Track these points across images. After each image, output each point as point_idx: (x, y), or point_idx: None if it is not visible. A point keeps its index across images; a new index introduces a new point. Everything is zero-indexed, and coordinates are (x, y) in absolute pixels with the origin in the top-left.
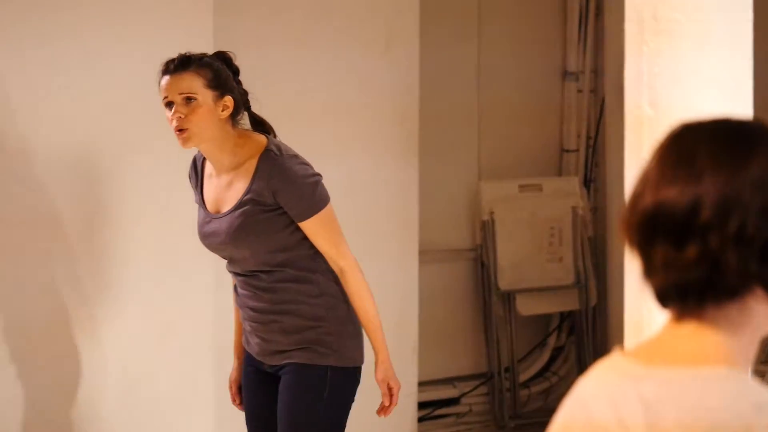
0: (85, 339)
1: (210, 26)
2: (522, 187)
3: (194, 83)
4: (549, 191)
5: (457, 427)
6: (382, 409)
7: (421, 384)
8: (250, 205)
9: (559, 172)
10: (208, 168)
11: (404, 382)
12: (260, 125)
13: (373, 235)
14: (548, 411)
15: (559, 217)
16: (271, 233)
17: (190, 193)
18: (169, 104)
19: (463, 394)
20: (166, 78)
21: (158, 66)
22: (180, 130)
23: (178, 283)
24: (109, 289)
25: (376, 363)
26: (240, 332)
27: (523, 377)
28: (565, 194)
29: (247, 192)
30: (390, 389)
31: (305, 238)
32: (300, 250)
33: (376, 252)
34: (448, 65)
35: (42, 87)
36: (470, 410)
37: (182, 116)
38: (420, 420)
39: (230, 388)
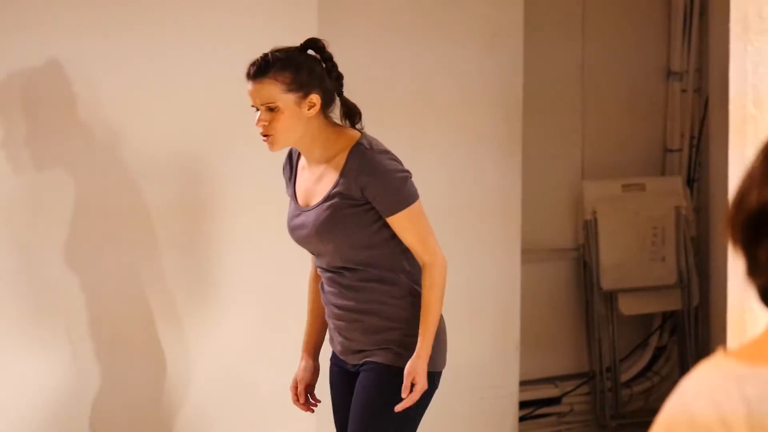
0: (185, 334)
1: (315, 20)
2: (625, 187)
3: (273, 91)
4: (652, 191)
5: (558, 426)
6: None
7: (523, 383)
8: (338, 199)
9: (663, 172)
10: (302, 161)
11: (506, 380)
12: (350, 111)
13: (476, 234)
14: (650, 411)
15: (662, 217)
16: (356, 228)
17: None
18: (256, 108)
19: (565, 394)
20: (249, 84)
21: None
22: (265, 136)
23: (279, 279)
24: (211, 284)
25: (414, 356)
26: (313, 329)
27: (625, 377)
28: (668, 194)
29: (336, 185)
30: (413, 384)
31: (391, 237)
32: (385, 250)
33: (478, 251)
34: (552, 62)
35: (141, 82)
36: (571, 410)
37: (266, 123)
38: (521, 419)
39: (294, 387)
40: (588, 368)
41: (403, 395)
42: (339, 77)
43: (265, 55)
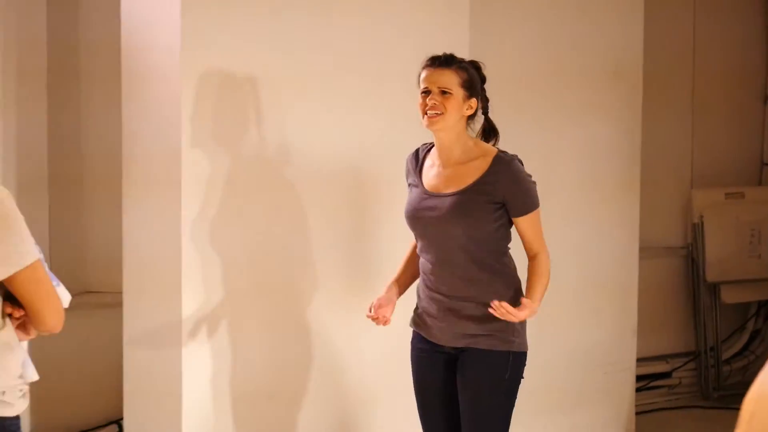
0: (354, 319)
1: (467, 38)
2: (727, 195)
3: (452, 80)
4: (750, 198)
5: (669, 397)
6: (498, 307)
7: (639, 360)
8: (476, 193)
9: (760, 182)
10: (430, 160)
11: (624, 359)
12: (491, 130)
13: (601, 235)
14: (746, 384)
15: (759, 221)
16: (483, 222)
17: None
18: (426, 92)
19: (674, 369)
20: (429, 70)
21: (415, 70)
22: (432, 115)
23: None
24: (375, 273)
25: (532, 301)
26: (402, 279)
27: (725, 355)
28: (764, 201)
29: (478, 182)
30: (520, 310)
31: (502, 237)
32: (497, 246)
33: (603, 249)
34: (667, 95)
35: (321, 101)
36: (680, 383)
37: (436, 103)
38: (637, 390)
39: (377, 305)
40: (694, 348)
41: (508, 308)
42: (487, 99)
43: (449, 53)
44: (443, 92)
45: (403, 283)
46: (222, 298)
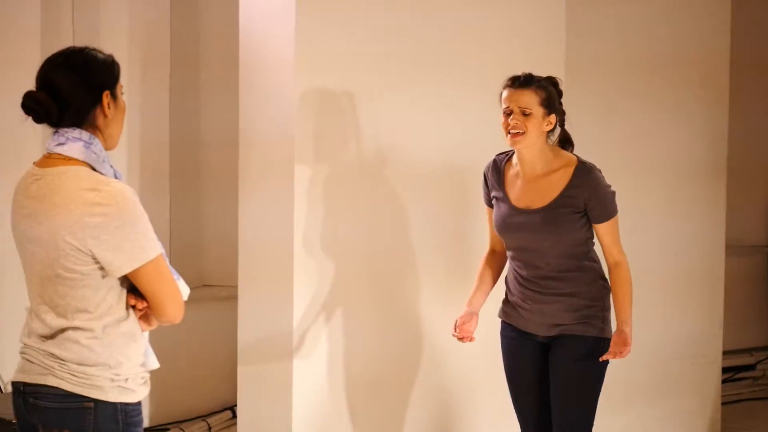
0: (448, 308)
1: (563, 48)
2: None
3: (532, 100)
4: None
5: (753, 387)
6: (609, 354)
7: (725, 353)
8: (563, 206)
9: None
10: (512, 171)
11: (711, 350)
12: (567, 141)
13: (690, 235)
14: None
15: None
16: (570, 230)
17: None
18: (507, 113)
19: (759, 362)
20: (510, 91)
21: (512, 67)
22: (514, 134)
23: None
24: (469, 267)
25: (623, 327)
26: (480, 291)
27: None
28: None
29: (562, 195)
30: (622, 350)
31: (588, 239)
32: (584, 246)
33: (691, 248)
34: (756, 115)
35: (415, 107)
36: (764, 374)
37: (518, 123)
38: (723, 382)
39: (460, 324)
40: None
41: (616, 352)
42: (563, 112)
43: (527, 73)
44: (524, 112)
45: (482, 294)
46: (332, 290)
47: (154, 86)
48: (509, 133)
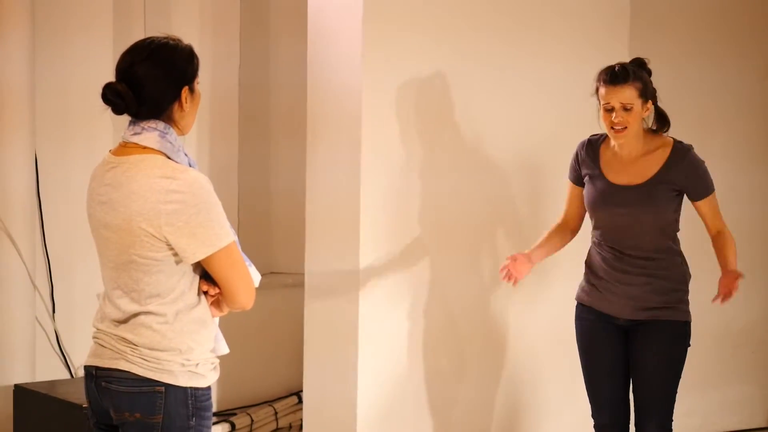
0: (519, 298)
1: (626, 41)
2: None
3: (631, 94)
4: None
5: None
6: (724, 295)
7: None
8: (661, 183)
9: None
10: (609, 151)
11: None
12: (663, 117)
13: (752, 217)
14: None
15: None
16: (667, 209)
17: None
18: (608, 108)
19: None
20: (608, 88)
21: (574, 74)
22: (618, 130)
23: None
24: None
25: (733, 269)
26: (543, 247)
27: None
28: None
29: (660, 172)
30: (734, 281)
31: (676, 220)
32: (674, 227)
33: (753, 232)
34: None
35: (499, 96)
36: None
37: (621, 119)
38: None
39: (512, 260)
40: None
41: (730, 288)
42: (655, 90)
43: (621, 65)
44: (625, 108)
45: (544, 252)
46: (398, 277)
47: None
48: (612, 128)
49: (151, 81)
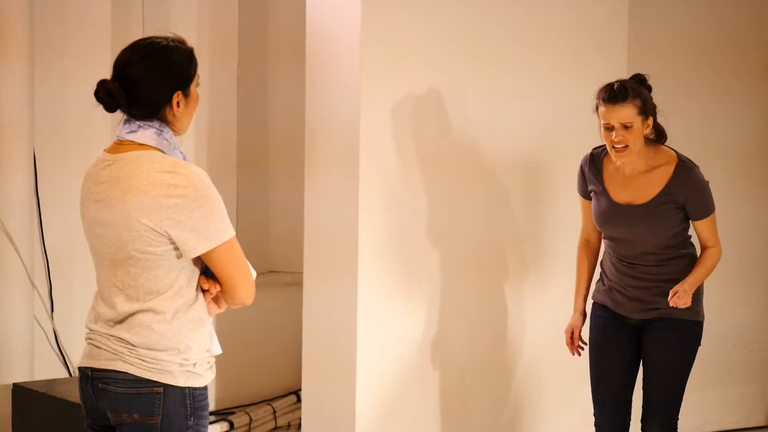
0: (523, 294)
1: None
2: None
3: (630, 113)
4: None
5: None
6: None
7: None
8: (665, 201)
9: None
10: (611, 166)
11: None
12: (661, 132)
13: (750, 216)
14: None
15: None
16: (671, 224)
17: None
18: (608, 127)
19: None
20: (608, 107)
21: (576, 91)
22: (619, 149)
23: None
24: (541, 254)
25: (687, 282)
26: (582, 288)
27: None
28: None
29: (663, 191)
30: (680, 295)
31: (684, 230)
32: (683, 235)
33: (751, 230)
34: None
35: (498, 101)
36: None
37: (621, 138)
38: None
39: (570, 333)
40: None
41: (673, 297)
42: (655, 106)
43: (621, 83)
44: (625, 126)
45: (584, 296)
46: (396, 277)
47: (222, 76)
48: (613, 147)
49: (144, 82)
